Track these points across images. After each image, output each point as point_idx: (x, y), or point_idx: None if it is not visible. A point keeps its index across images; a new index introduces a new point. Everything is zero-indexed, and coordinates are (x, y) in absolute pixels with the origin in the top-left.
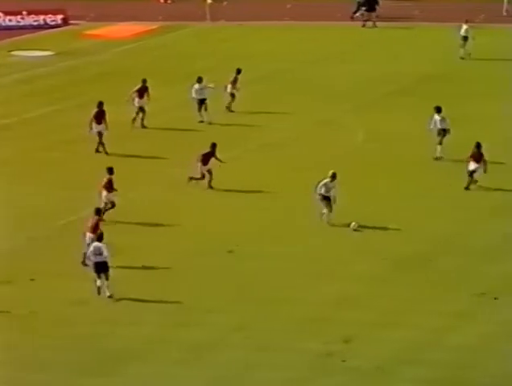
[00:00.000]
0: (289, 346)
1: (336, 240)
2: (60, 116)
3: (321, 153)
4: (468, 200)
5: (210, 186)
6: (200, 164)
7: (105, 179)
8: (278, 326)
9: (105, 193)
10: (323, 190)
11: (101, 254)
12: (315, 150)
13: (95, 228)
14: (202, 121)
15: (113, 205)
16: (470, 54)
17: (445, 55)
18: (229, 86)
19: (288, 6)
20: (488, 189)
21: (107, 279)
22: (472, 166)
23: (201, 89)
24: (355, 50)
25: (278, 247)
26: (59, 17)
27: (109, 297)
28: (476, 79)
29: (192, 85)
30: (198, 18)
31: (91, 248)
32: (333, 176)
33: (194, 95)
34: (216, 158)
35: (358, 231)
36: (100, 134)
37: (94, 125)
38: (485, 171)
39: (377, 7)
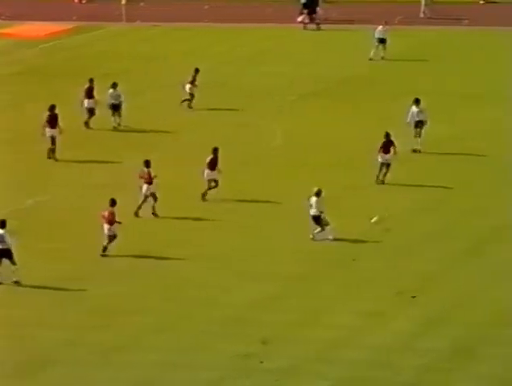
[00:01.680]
0: (208, 347)
1: (258, 240)
2: None
3: (240, 156)
4: (386, 198)
5: (203, 197)
6: (207, 171)
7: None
8: (198, 327)
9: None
10: (314, 211)
11: (3, 241)
12: (233, 152)
13: (111, 220)
14: (116, 126)
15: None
16: (383, 57)
17: (359, 57)
18: (188, 85)
19: (206, 7)
20: (408, 185)
21: (14, 264)
22: (381, 158)
23: (116, 95)
24: (274, 51)
25: (200, 248)
26: None
27: (16, 282)
28: (392, 80)
29: (107, 90)
30: (114, 18)
31: None
32: (318, 193)
33: (108, 100)
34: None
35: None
36: (53, 139)
37: (47, 129)
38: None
39: (318, 9)
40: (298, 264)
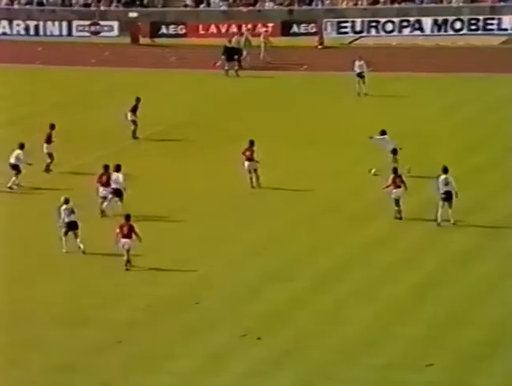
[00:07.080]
0: None
1: (89, 285)
2: None
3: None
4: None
5: None
6: None
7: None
8: (25, 376)
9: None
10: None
11: None
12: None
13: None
14: None
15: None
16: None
17: (203, 100)
18: (129, 114)
19: (39, 49)
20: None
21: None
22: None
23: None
24: (103, 95)
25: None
26: None
27: None
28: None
29: None
30: None
31: None
32: (66, 202)
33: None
34: None
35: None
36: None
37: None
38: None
39: (235, 57)
40: (130, 310)
